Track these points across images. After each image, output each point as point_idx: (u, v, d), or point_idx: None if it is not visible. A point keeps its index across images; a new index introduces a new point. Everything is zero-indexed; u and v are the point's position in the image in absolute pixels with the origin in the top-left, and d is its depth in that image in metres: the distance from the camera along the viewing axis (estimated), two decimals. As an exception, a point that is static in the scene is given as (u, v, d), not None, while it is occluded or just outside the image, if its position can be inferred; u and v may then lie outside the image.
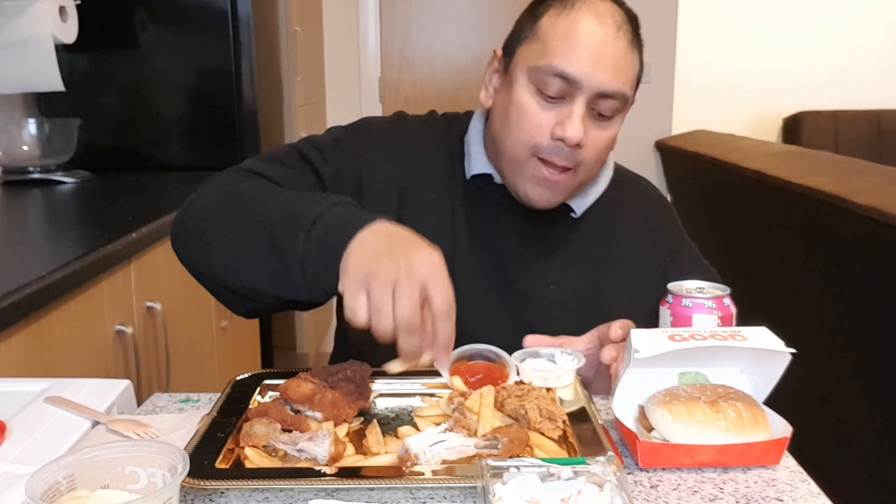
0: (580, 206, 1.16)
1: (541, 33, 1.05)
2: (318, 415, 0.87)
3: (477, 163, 1.15)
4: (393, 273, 0.80)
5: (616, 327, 0.96)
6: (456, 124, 1.21)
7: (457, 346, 1.02)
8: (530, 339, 1.00)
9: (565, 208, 1.16)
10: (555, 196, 1.09)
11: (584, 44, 1.01)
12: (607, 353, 0.95)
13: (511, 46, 1.10)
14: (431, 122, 1.22)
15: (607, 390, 0.97)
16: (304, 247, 0.87)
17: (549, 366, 0.96)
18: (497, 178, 1.15)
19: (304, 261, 0.87)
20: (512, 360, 0.97)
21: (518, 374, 0.96)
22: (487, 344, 1.01)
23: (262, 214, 0.93)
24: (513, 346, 1.01)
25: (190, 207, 1.03)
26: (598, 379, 1.02)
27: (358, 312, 0.81)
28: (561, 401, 0.92)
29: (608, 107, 1.04)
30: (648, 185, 1.29)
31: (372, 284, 0.80)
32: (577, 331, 1.05)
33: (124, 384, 0.95)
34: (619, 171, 1.25)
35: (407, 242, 0.84)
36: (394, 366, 0.86)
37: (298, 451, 0.79)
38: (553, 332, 1.03)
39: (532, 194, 1.08)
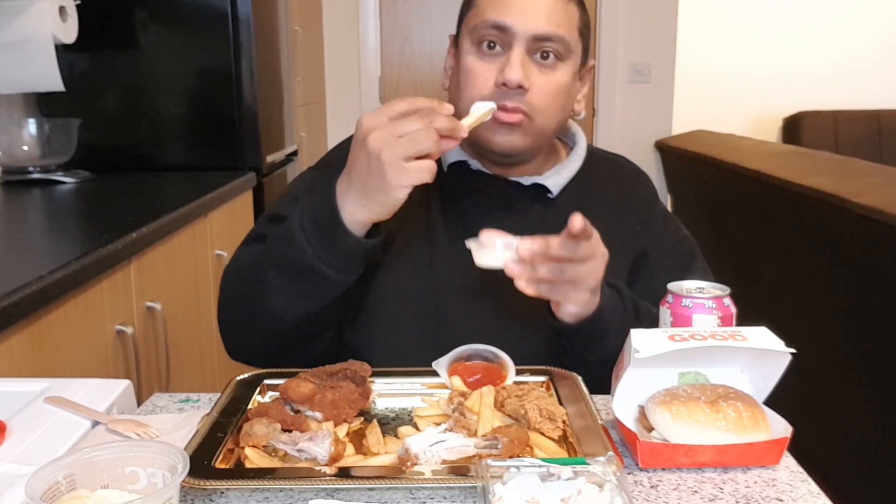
0: (555, 185, 1.17)
1: (475, 1, 1.11)
2: (318, 415, 0.87)
3: (451, 152, 1.17)
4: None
5: (577, 218, 0.92)
6: None
7: (444, 340, 1.03)
8: (485, 233, 0.97)
9: (541, 189, 1.17)
10: (518, 139, 1.09)
11: None
12: (522, 244, 0.94)
13: (458, 27, 1.16)
14: None
15: (566, 301, 0.97)
16: (302, 239, 0.96)
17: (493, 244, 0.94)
18: (473, 164, 1.17)
19: (311, 246, 0.96)
20: (467, 243, 0.96)
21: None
22: (473, 334, 1.02)
23: (260, 261, 1.03)
24: (497, 331, 1.01)
25: (220, 307, 1.12)
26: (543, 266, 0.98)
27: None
28: (560, 401, 0.92)
29: (549, 50, 1.07)
30: (623, 161, 1.30)
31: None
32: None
33: (124, 384, 0.95)
34: (593, 151, 1.27)
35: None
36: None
37: (298, 451, 0.79)
38: (534, 314, 1.03)
39: (495, 138, 1.09)
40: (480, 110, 1.02)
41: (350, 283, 1.00)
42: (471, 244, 0.96)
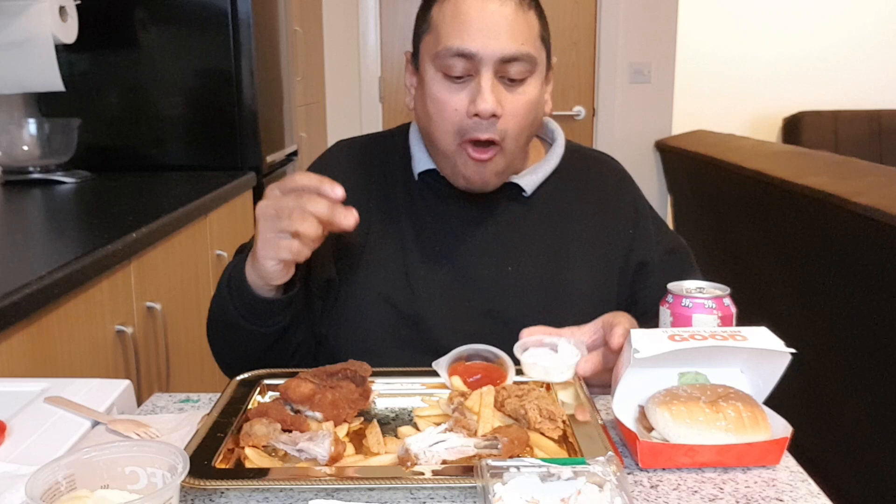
0: (530, 184, 1.16)
1: (433, 22, 1.08)
2: (318, 415, 0.87)
3: (419, 161, 1.18)
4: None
5: (618, 336, 0.94)
6: (398, 133, 1.25)
7: (427, 343, 1.03)
8: (527, 332, 0.99)
9: (516, 188, 1.16)
10: (489, 174, 1.09)
11: (471, 18, 1.03)
12: (584, 366, 0.96)
13: (415, 45, 1.14)
14: (365, 140, 1.27)
15: (607, 383, 0.97)
16: (227, 298, 1.05)
17: (550, 359, 0.95)
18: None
19: (233, 304, 1.04)
20: (515, 351, 0.96)
21: (519, 369, 0.96)
22: (454, 336, 1.02)
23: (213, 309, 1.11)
24: (476, 333, 1.02)
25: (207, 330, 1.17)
26: (599, 374, 1.01)
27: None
28: (560, 401, 0.92)
29: (517, 70, 1.05)
30: (605, 159, 1.29)
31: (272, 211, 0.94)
32: (539, 310, 1.06)
33: (124, 384, 0.95)
34: (574, 149, 1.25)
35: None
36: None
37: (298, 451, 0.79)
38: (515, 315, 1.04)
39: (467, 174, 1.09)
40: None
41: (277, 333, 1.06)
42: (517, 354, 0.97)
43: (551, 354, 0.96)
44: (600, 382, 0.98)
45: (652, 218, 1.24)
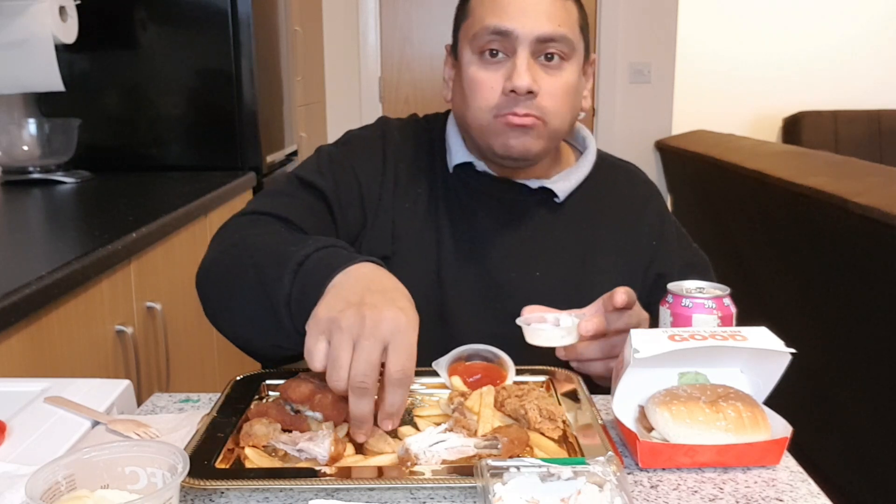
0: (563, 189, 1.16)
1: (470, 8, 1.10)
2: (318, 415, 0.87)
3: (457, 153, 1.17)
4: (356, 327, 0.77)
5: (619, 293, 0.94)
6: (435, 123, 1.24)
7: (450, 343, 1.03)
8: (528, 309, 0.99)
9: (548, 193, 1.16)
10: (531, 140, 1.08)
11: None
12: (585, 324, 0.94)
13: (455, 36, 1.14)
14: (412, 123, 1.25)
15: (607, 372, 0.97)
16: (289, 287, 0.87)
17: (552, 326, 0.95)
18: (479, 166, 1.16)
19: (291, 301, 0.86)
20: (518, 322, 0.96)
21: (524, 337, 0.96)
22: (478, 337, 1.01)
23: (255, 261, 0.94)
24: (500, 335, 1.01)
25: (202, 265, 1.06)
26: (596, 345, 0.99)
27: (315, 357, 0.78)
28: (560, 401, 0.92)
29: (554, 51, 1.06)
30: (634, 169, 1.29)
31: (334, 333, 0.77)
32: None
33: (124, 384, 0.95)
34: (603, 157, 1.26)
35: (382, 295, 0.80)
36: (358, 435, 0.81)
37: (298, 451, 0.79)
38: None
39: (508, 142, 1.07)
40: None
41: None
42: (520, 323, 0.96)
43: (553, 325, 0.96)
44: (599, 372, 0.98)
45: (675, 231, 1.24)
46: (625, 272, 1.17)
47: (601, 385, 1.01)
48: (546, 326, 0.95)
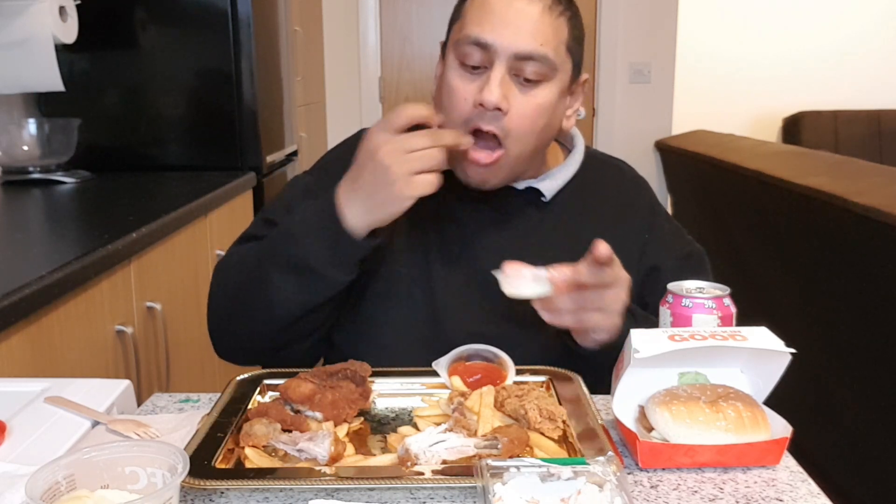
0: (549, 189, 1.16)
1: (464, 10, 1.08)
2: (318, 415, 0.87)
3: None
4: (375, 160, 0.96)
5: (601, 245, 0.93)
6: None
7: (441, 343, 1.03)
8: (509, 263, 0.98)
9: (535, 193, 1.16)
10: (491, 175, 1.08)
11: (495, 10, 1.03)
12: (557, 273, 0.95)
13: (447, 35, 1.13)
14: None
15: (577, 325, 0.97)
16: (305, 238, 1.00)
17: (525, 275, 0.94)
18: None
19: (312, 246, 1.00)
20: (495, 273, 0.96)
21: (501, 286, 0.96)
22: (469, 338, 1.01)
23: (261, 256, 1.05)
24: (493, 335, 1.01)
25: (210, 307, 1.14)
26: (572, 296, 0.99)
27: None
28: (560, 401, 0.92)
29: (532, 70, 1.03)
30: (623, 166, 1.29)
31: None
32: None
33: (124, 384, 0.95)
34: (592, 154, 1.25)
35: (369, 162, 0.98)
36: None
37: (298, 451, 0.79)
38: (531, 319, 1.02)
39: (469, 173, 1.08)
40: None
41: (346, 284, 1.03)
42: (497, 275, 0.96)
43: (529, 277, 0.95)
44: (570, 324, 0.98)
45: (667, 223, 1.24)
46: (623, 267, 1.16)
47: (601, 385, 1.01)
48: (523, 275, 0.95)
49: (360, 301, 1.13)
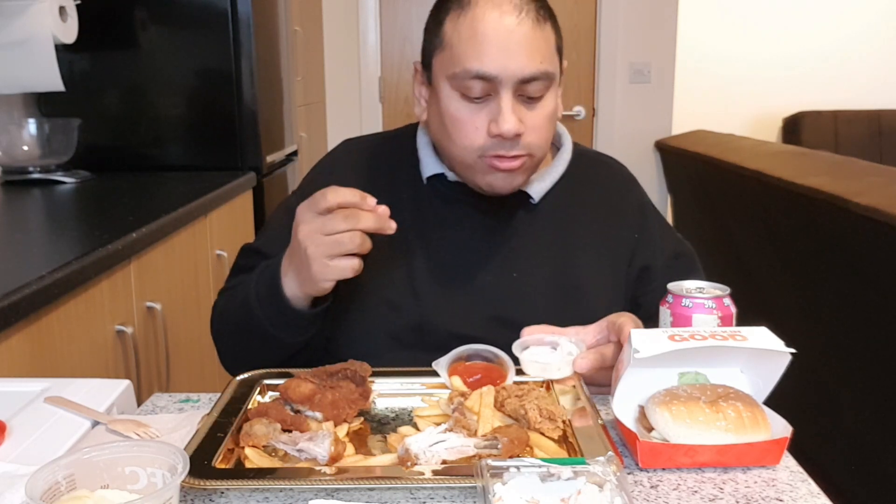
0: (537, 191, 1.16)
1: (447, 39, 1.06)
2: (318, 415, 0.87)
3: (427, 166, 1.17)
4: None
5: (628, 329, 0.93)
6: (405, 135, 1.23)
7: (426, 347, 1.03)
8: (528, 330, 0.99)
9: (523, 195, 1.16)
10: (516, 179, 1.09)
11: (489, 39, 1.01)
12: (580, 363, 0.95)
13: (427, 58, 1.11)
14: (381, 139, 1.27)
15: (607, 382, 0.97)
16: (256, 307, 1.06)
17: (548, 356, 0.95)
18: (451, 176, 1.16)
19: (263, 314, 1.05)
20: (514, 349, 0.96)
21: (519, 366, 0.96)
22: (458, 343, 1.01)
23: (233, 319, 1.12)
24: (483, 340, 1.01)
25: (217, 348, 1.20)
26: (598, 373, 1.00)
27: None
28: (560, 401, 0.92)
29: (535, 89, 1.04)
30: (611, 162, 1.29)
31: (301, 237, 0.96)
32: (548, 316, 1.04)
33: (124, 384, 0.95)
34: (581, 152, 1.24)
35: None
36: None
37: (298, 451, 0.79)
38: (521, 320, 1.03)
39: (495, 183, 1.08)
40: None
41: (303, 342, 1.07)
42: (516, 351, 0.97)
43: (550, 352, 0.96)
44: (600, 381, 0.98)
45: (657, 222, 1.24)
46: (607, 268, 1.16)
47: (601, 385, 1.01)
48: (542, 355, 0.95)
49: (345, 313, 1.13)
